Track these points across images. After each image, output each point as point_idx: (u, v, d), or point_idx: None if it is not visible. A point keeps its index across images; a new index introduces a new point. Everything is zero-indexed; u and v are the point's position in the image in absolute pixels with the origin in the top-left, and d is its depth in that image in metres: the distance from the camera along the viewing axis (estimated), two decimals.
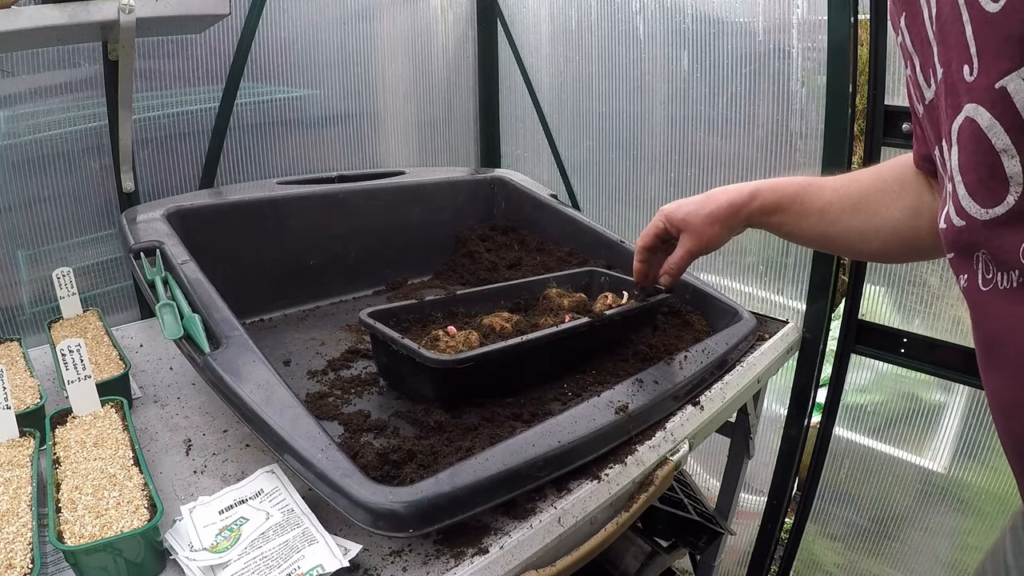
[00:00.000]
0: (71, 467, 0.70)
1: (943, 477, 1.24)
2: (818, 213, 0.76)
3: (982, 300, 0.42)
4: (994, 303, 0.40)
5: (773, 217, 0.81)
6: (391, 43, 1.63)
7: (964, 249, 0.42)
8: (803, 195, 0.78)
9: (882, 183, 0.71)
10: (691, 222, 0.87)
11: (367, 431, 0.80)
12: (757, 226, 0.84)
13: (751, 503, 1.56)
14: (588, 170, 1.69)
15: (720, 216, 0.84)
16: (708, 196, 0.86)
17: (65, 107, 1.17)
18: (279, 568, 0.60)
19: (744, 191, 0.83)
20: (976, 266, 0.41)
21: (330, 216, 1.29)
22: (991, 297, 0.40)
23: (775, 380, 1.35)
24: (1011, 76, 0.34)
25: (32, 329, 1.18)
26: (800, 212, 0.78)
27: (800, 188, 0.78)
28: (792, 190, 0.79)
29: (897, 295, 1.23)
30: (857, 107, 1.18)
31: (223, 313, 0.86)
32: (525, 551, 0.67)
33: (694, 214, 0.86)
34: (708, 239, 0.86)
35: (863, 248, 0.75)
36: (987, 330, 0.42)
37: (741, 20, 1.31)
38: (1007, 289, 0.39)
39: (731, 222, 0.84)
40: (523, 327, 0.93)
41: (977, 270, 0.41)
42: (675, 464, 0.86)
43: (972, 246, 0.41)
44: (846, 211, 0.73)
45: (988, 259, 0.40)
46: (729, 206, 0.83)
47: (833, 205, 0.75)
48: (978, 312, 0.43)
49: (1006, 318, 0.40)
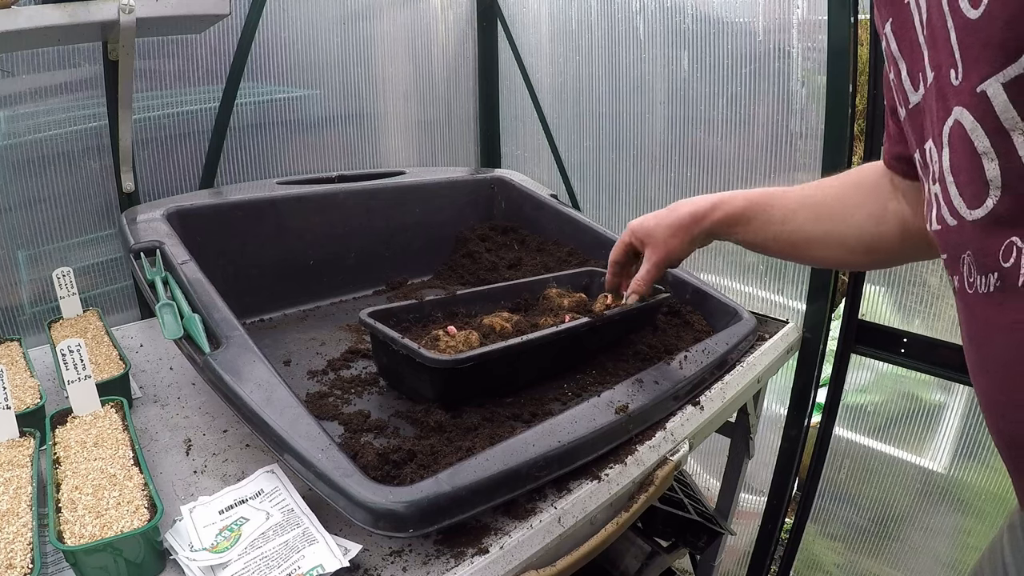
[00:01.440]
0: (71, 467, 0.70)
1: (943, 477, 1.24)
2: (781, 222, 0.76)
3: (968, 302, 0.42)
4: (977, 306, 0.41)
5: (736, 228, 0.81)
6: (391, 43, 1.63)
7: (954, 249, 0.43)
8: (767, 204, 0.78)
9: (846, 190, 0.71)
10: (654, 235, 0.87)
11: (367, 431, 0.80)
12: (721, 237, 0.84)
13: (751, 503, 1.56)
14: (588, 170, 1.69)
15: (681, 227, 0.85)
16: (672, 208, 0.86)
17: (65, 107, 1.17)
18: (279, 568, 0.60)
19: (706, 202, 0.83)
20: (961, 268, 0.42)
21: (330, 216, 1.29)
22: (974, 300, 0.41)
23: (775, 380, 1.35)
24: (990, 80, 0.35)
25: (32, 329, 1.18)
26: (765, 221, 0.78)
27: (764, 197, 0.79)
28: (756, 200, 0.79)
29: (897, 295, 1.23)
30: (857, 107, 1.18)
31: (223, 313, 0.86)
32: (525, 551, 0.67)
33: (656, 227, 0.87)
34: (670, 251, 0.87)
35: (827, 255, 0.75)
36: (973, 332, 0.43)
37: (741, 20, 1.31)
38: (986, 293, 0.40)
39: (692, 232, 0.84)
40: (523, 327, 0.93)
41: (962, 272, 0.42)
42: (675, 464, 0.86)
43: (960, 246, 0.42)
44: (810, 219, 0.74)
45: (971, 261, 0.41)
46: (691, 217, 0.84)
47: (797, 213, 0.75)
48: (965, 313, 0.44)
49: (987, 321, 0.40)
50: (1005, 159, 0.36)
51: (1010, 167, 0.36)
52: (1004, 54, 0.34)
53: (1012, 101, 0.34)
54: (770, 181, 1.33)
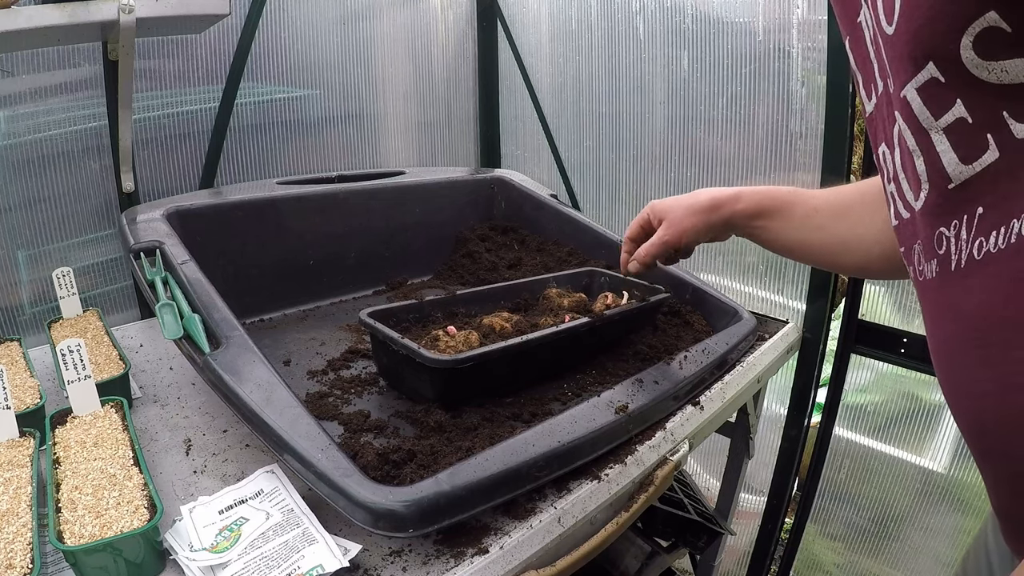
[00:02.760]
0: (71, 467, 0.70)
1: (943, 477, 1.24)
2: (803, 218, 0.77)
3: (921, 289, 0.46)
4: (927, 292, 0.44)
5: (757, 221, 0.81)
6: (391, 43, 1.63)
7: (909, 240, 0.46)
8: (789, 201, 0.79)
9: (865, 195, 0.72)
10: (671, 212, 0.88)
11: (367, 431, 0.80)
12: (739, 230, 0.84)
13: (751, 503, 1.56)
14: (588, 170, 1.69)
15: (700, 208, 0.85)
16: (693, 194, 0.87)
17: (65, 107, 1.17)
18: (279, 568, 0.60)
19: (728, 192, 0.84)
20: (914, 258, 0.45)
21: (330, 216, 1.29)
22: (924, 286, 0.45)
23: (775, 380, 1.35)
24: (908, 86, 0.39)
25: (32, 329, 1.18)
26: (786, 217, 0.79)
27: (787, 194, 0.80)
28: (779, 196, 0.80)
29: (897, 295, 1.23)
30: (857, 107, 1.18)
31: (223, 313, 0.85)
32: (525, 551, 0.67)
33: (676, 205, 0.88)
34: (684, 230, 0.86)
35: (844, 259, 0.75)
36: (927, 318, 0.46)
37: (741, 20, 1.31)
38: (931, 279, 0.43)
39: (710, 217, 0.84)
40: (523, 327, 0.93)
41: (915, 262, 0.45)
42: (675, 464, 0.86)
43: (913, 237, 0.45)
44: (830, 218, 0.74)
45: (920, 251, 0.44)
46: (711, 201, 0.84)
47: (819, 211, 0.76)
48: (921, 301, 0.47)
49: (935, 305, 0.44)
50: (927, 155, 0.40)
51: (932, 163, 0.39)
52: (913, 63, 0.38)
53: (925, 103, 0.38)
54: (770, 181, 1.33)
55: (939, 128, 0.38)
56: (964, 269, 0.39)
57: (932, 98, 0.38)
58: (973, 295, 0.39)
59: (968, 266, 0.39)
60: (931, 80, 0.37)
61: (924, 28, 0.36)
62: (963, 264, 0.39)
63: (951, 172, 0.38)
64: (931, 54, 0.36)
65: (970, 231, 0.38)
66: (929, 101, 0.38)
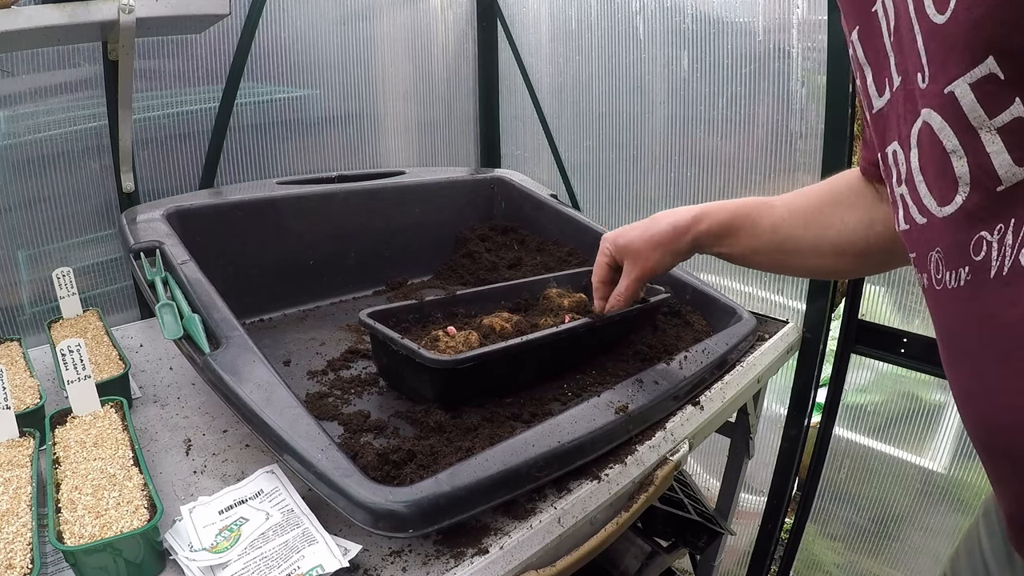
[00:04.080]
0: (71, 467, 0.70)
1: (943, 477, 1.24)
2: (771, 231, 0.74)
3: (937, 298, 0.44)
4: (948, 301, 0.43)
5: (724, 240, 0.78)
6: (391, 43, 1.63)
7: (923, 247, 0.44)
8: (754, 214, 0.76)
9: (834, 195, 0.70)
10: (634, 248, 0.84)
11: (367, 431, 0.80)
12: (707, 251, 0.81)
13: (751, 503, 1.56)
14: (588, 170, 1.69)
15: (662, 240, 0.82)
16: (652, 220, 0.84)
17: (65, 107, 1.17)
18: (279, 568, 0.60)
19: (688, 214, 0.80)
20: (929, 266, 0.44)
21: (330, 216, 1.29)
22: (944, 295, 0.43)
23: (775, 380, 1.35)
24: (958, 81, 0.36)
25: (32, 329, 1.18)
26: (752, 233, 0.76)
27: (749, 208, 0.77)
28: (742, 210, 0.77)
29: (897, 295, 1.23)
30: (857, 107, 1.18)
31: (223, 313, 0.85)
32: (525, 551, 0.67)
33: (637, 239, 0.84)
34: (652, 265, 0.84)
35: (817, 264, 0.74)
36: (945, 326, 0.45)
37: (741, 20, 1.31)
38: (956, 288, 0.41)
39: (674, 246, 0.81)
40: (523, 327, 0.93)
41: (930, 270, 0.44)
42: (675, 464, 0.86)
43: (929, 244, 0.43)
44: (798, 226, 0.72)
45: (940, 258, 0.42)
46: (672, 230, 0.81)
47: (786, 221, 0.73)
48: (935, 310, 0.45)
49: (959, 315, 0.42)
50: (973, 156, 0.38)
51: (978, 164, 0.37)
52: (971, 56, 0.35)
53: (979, 100, 0.36)
54: (770, 181, 1.33)
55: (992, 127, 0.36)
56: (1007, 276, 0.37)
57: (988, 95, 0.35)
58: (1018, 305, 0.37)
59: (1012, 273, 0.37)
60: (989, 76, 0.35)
61: (987, 18, 0.34)
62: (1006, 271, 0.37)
63: (1002, 174, 0.36)
64: (993, 47, 0.34)
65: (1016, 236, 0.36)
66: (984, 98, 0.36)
